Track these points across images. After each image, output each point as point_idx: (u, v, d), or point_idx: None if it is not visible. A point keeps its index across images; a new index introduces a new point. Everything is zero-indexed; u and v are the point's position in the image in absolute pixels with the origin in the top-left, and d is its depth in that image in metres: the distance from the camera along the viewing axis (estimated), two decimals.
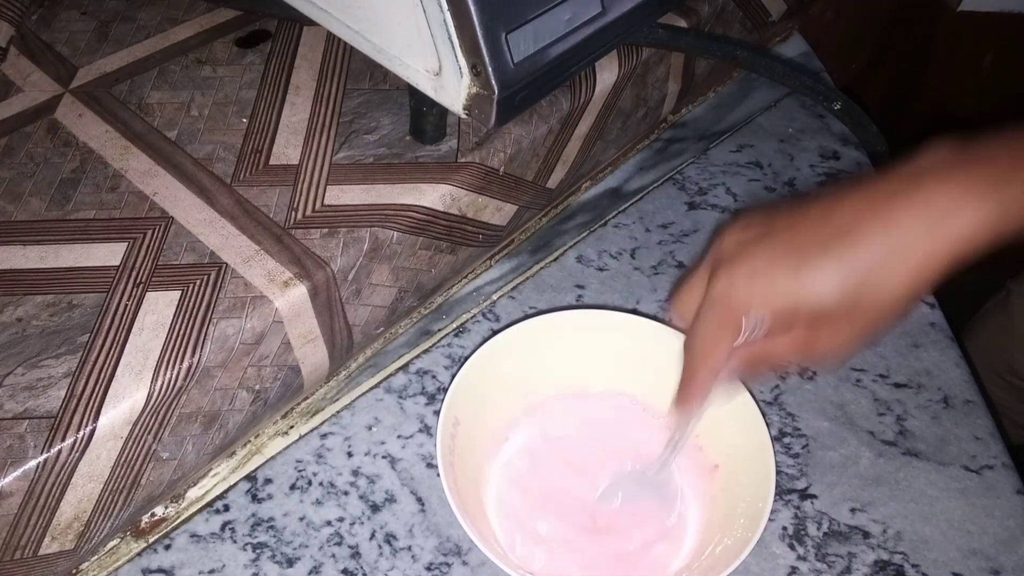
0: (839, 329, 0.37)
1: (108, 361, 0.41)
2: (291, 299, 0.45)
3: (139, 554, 0.47)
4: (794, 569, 0.48)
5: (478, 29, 0.40)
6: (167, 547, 0.47)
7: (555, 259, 0.62)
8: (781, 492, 0.51)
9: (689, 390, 0.42)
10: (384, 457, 0.52)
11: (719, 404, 0.44)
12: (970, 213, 0.34)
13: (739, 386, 0.48)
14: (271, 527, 0.48)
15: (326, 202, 0.48)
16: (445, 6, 0.40)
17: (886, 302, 0.36)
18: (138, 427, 0.41)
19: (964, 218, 0.34)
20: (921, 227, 0.34)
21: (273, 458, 0.51)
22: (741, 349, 0.40)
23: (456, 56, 0.42)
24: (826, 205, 0.38)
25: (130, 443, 0.41)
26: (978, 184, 0.34)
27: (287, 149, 0.51)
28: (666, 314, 0.42)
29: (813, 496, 0.51)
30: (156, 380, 0.41)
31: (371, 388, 0.54)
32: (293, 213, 0.48)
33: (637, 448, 0.51)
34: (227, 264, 0.45)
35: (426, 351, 0.57)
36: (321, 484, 0.50)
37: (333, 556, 0.47)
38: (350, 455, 0.52)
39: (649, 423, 0.52)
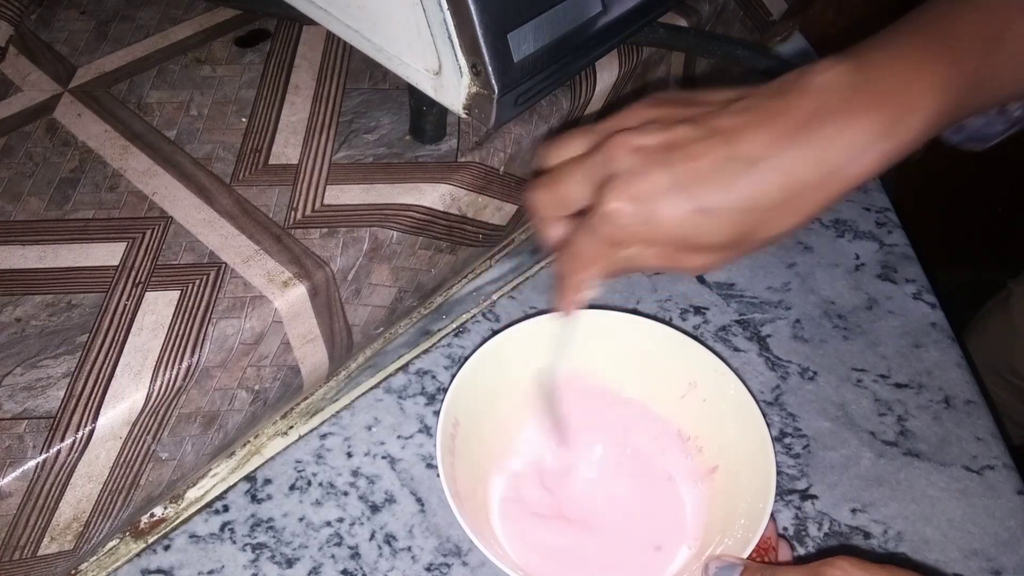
0: (712, 255, 0.37)
1: (107, 361, 0.41)
2: (290, 299, 0.44)
3: (138, 555, 0.47)
4: None
5: (478, 28, 0.40)
6: (166, 548, 0.47)
7: (555, 259, 0.62)
8: (782, 492, 0.51)
9: (566, 298, 0.41)
10: (384, 457, 0.51)
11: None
12: (866, 160, 0.34)
13: (735, 379, 0.48)
14: (271, 527, 0.48)
15: (326, 202, 0.48)
16: (445, 5, 0.40)
17: (770, 239, 0.36)
18: (137, 427, 0.41)
19: (859, 164, 0.34)
20: (819, 176, 0.34)
21: (272, 458, 0.51)
22: (612, 257, 0.38)
23: (456, 55, 0.42)
24: (732, 126, 0.35)
25: (129, 443, 0.41)
26: (875, 127, 0.34)
27: (287, 149, 0.51)
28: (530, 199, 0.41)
29: (814, 496, 0.51)
30: (155, 380, 0.41)
31: (371, 388, 0.54)
32: (293, 213, 0.48)
33: (636, 449, 0.51)
34: (226, 264, 0.45)
35: (426, 351, 0.56)
36: (321, 484, 0.50)
37: (333, 557, 0.47)
38: (350, 455, 0.51)
39: (649, 423, 0.52)
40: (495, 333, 0.50)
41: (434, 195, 0.49)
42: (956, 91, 0.35)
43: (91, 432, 0.39)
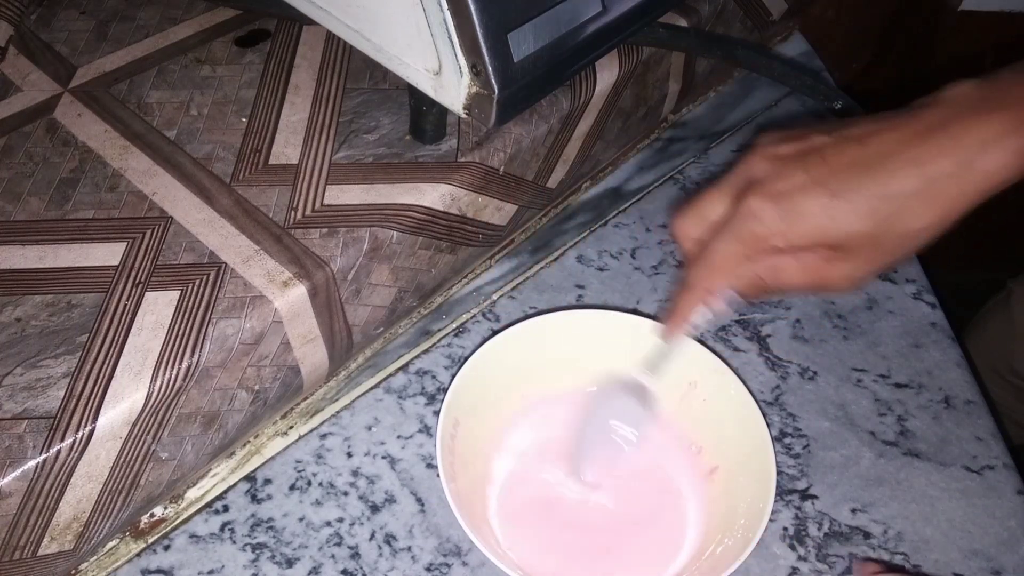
0: (858, 258, 0.37)
1: (107, 361, 0.41)
2: (290, 299, 0.44)
3: (138, 555, 0.47)
4: (795, 570, 0.48)
5: (478, 28, 0.40)
6: (166, 548, 0.47)
7: (555, 259, 0.62)
8: (782, 492, 0.51)
9: (686, 307, 0.41)
10: (384, 457, 0.51)
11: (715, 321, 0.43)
12: (997, 154, 0.35)
13: (735, 379, 0.48)
14: (270, 527, 0.48)
15: (326, 202, 0.48)
16: (445, 5, 0.40)
17: (911, 235, 0.36)
18: (137, 427, 0.41)
19: (991, 158, 0.35)
20: (952, 166, 0.35)
21: (272, 458, 0.51)
22: (753, 265, 0.39)
23: (456, 55, 0.42)
24: (861, 133, 0.37)
25: (129, 443, 0.41)
26: (1004, 125, 0.35)
27: (287, 149, 0.51)
28: (669, 232, 0.42)
29: (814, 496, 0.51)
30: (155, 380, 0.41)
31: (371, 388, 0.54)
32: (293, 213, 0.48)
33: (636, 448, 0.51)
34: (226, 264, 0.45)
35: (426, 351, 0.56)
36: (321, 484, 0.50)
37: (333, 557, 0.47)
38: (350, 455, 0.51)
39: (649, 423, 0.52)
40: (495, 333, 0.50)
41: (434, 195, 0.49)
42: None
43: (91, 432, 0.39)
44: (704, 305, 0.41)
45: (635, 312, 0.53)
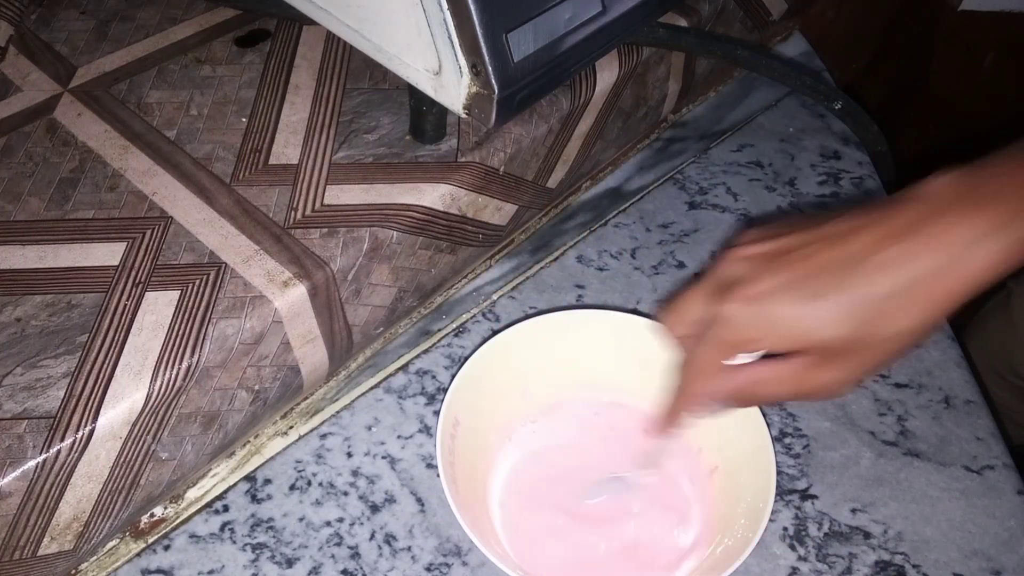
0: (842, 364, 0.36)
1: (107, 361, 0.41)
2: (290, 299, 0.44)
3: (138, 554, 0.47)
4: (795, 570, 0.48)
5: (478, 28, 0.40)
6: (166, 548, 0.47)
7: (555, 259, 0.62)
8: (782, 492, 0.51)
9: (674, 413, 0.42)
10: (384, 457, 0.51)
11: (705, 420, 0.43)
12: (983, 252, 0.34)
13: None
14: (270, 527, 0.48)
15: (326, 202, 0.48)
16: (445, 5, 0.40)
17: (897, 338, 0.35)
18: (137, 427, 0.41)
19: (977, 257, 0.34)
20: (936, 265, 0.34)
21: (272, 458, 0.51)
22: (732, 378, 0.39)
23: (456, 55, 0.42)
24: (841, 230, 0.36)
25: (129, 443, 0.41)
26: (990, 222, 0.34)
27: (286, 149, 0.51)
28: (656, 325, 0.42)
29: (814, 496, 0.51)
30: (155, 380, 0.41)
31: (371, 388, 0.54)
32: (293, 213, 0.48)
33: (637, 449, 0.51)
34: (226, 264, 0.45)
35: (426, 351, 0.56)
36: (321, 484, 0.50)
37: (333, 557, 0.47)
38: (350, 455, 0.51)
39: (649, 423, 0.52)
40: (495, 333, 0.50)
41: (434, 195, 0.49)
42: None
43: (91, 432, 0.39)
44: (694, 410, 0.41)
45: (635, 312, 0.53)
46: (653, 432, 0.45)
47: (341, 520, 0.49)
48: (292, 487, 0.50)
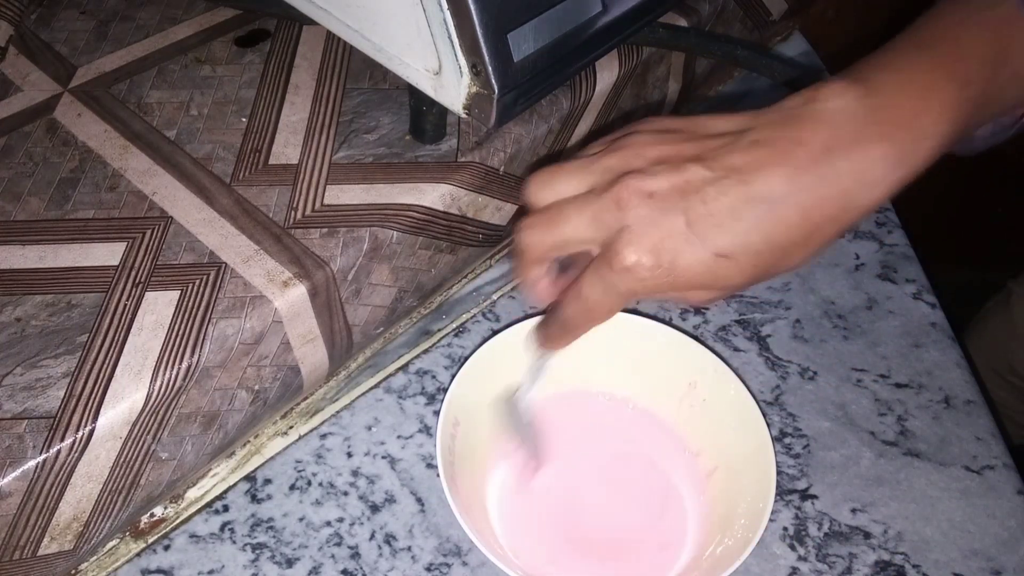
0: (724, 291, 0.36)
1: (107, 361, 0.41)
2: (290, 299, 0.44)
3: (138, 554, 0.47)
4: (795, 570, 0.48)
5: (478, 28, 0.40)
6: (166, 547, 0.47)
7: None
8: (782, 492, 0.51)
9: (558, 341, 0.41)
10: (384, 457, 0.51)
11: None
12: (882, 187, 0.34)
13: (735, 379, 0.48)
14: (271, 527, 0.48)
15: (326, 202, 0.48)
16: (445, 5, 0.40)
17: (785, 271, 0.35)
18: (137, 427, 0.41)
19: (876, 192, 0.34)
20: (835, 209, 0.34)
21: (272, 458, 0.51)
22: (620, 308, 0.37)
23: (456, 55, 0.42)
24: (744, 167, 0.34)
25: (129, 443, 0.41)
26: (887, 162, 0.33)
27: (286, 148, 0.51)
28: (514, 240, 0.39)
29: (814, 496, 0.51)
30: (155, 380, 0.41)
31: (371, 388, 0.54)
32: (293, 213, 0.48)
33: (637, 448, 0.51)
34: (226, 264, 0.45)
35: (426, 351, 0.56)
36: (321, 484, 0.50)
37: (333, 556, 0.47)
38: (350, 455, 0.51)
39: (649, 423, 0.52)
40: (495, 333, 0.50)
41: (434, 195, 0.49)
42: (965, 114, 0.35)
43: (91, 432, 0.39)
44: (574, 339, 0.40)
45: (635, 312, 0.53)
46: (540, 346, 0.43)
47: (341, 520, 0.49)
48: (292, 487, 0.50)
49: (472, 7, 0.39)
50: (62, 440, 0.38)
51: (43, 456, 0.38)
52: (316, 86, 0.55)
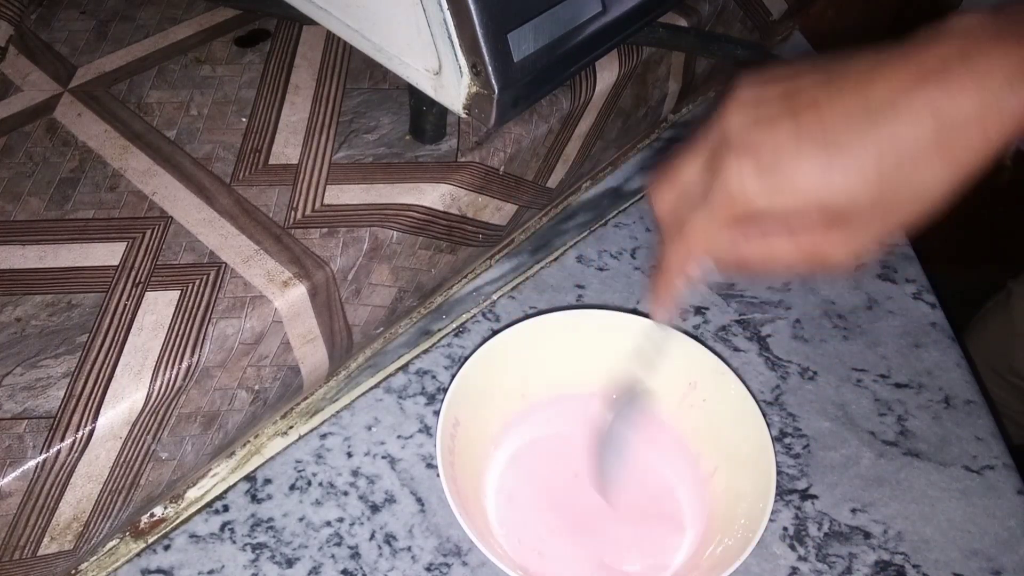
0: (860, 227, 0.31)
1: (107, 361, 0.41)
2: (290, 299, 0.44)
3: (138, 554, 0.47)
4: (795, 570, 0.48)
5: (478, 28, 0.40)
6: (166, 547, 0.47)
7: (555, 259, 0.62)
8: (782, 492, 0.51)
9: (662, 298, 0.37)
10: (384, 457, 0.51)
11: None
12: (1020, 93, 0.29)
13: (735, 379, 0.48)
14: (271, 527, 0.48)
15: (326, 202, 0.48)
16: (445, 5, 0.40)
17: (924, 197, 0.30)
18: (137, 427, 0.41)
19: (1016, 98, 0.29)
20: (975, 107, 0.29)
21: (272, 458, 0.51)
22: (731, 242, 0.33)
23: (456, 55, 0.42)
24: (860, 73, 0.30)
25: (129, 443, 0.41)
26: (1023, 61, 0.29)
27: (286, 148, 0.51)
28: (645, 199, 0.36)
29: (814, 496, 0.51)
30: (155, 380, 0.41)
31: (371, 388, 0.54)
32: (292, 213, 0.48)
33: (636, 448, 0.51)
34: (226, 264, 0.45)
35: (426, 351, 0.56)
36: (321, 484, 0.50)
37: (333, 556, 0.47)
38: (350, 455, 0.51)
39: (649, 423, 0.52)
40: (495, 333, 0.50)
41: (434, 195, 0.49)
42: None
43: (91, 432, 0.39)
44: (682, 286, 0.36)
45: (635, 312, 0.53)
46: (654, 315, 0.40)
47: (341, 520, 0.49)
48: (292, 487, 0.50)
49: (472, 7, 0.39)
50: (62, 440, 0.38)
51: (43, 456, 0.38)
52: (316, 86, 0.55)
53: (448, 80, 0.43)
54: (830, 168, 0.30)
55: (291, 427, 0.52)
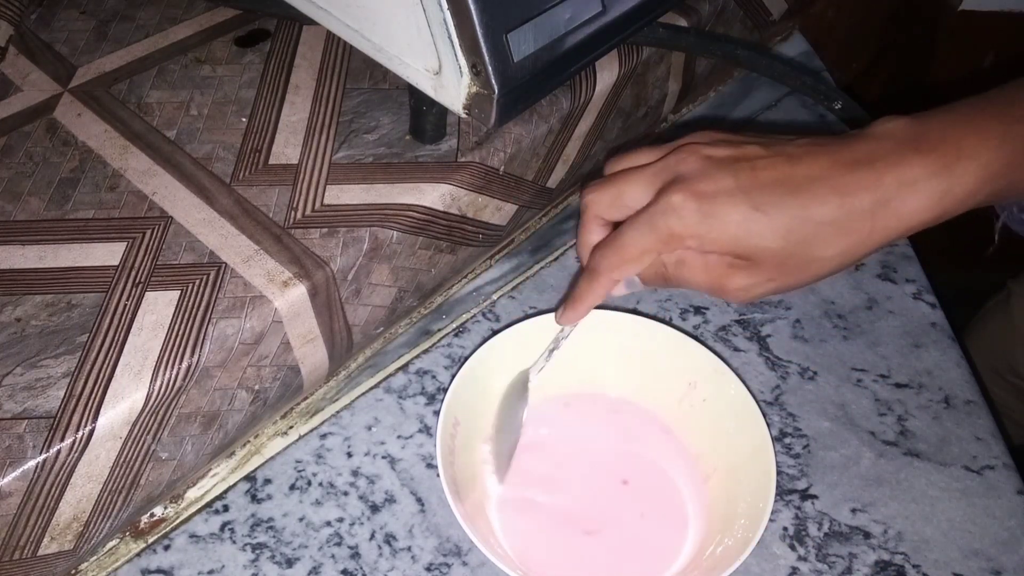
0: (759, 274, 0.38)
1: (107, 361, 0.41)
2: (290, 299, 0.44)
3: (138, 554, 0.47)
4: (795, 570, 0.48)
5: (478, 28, 0.40)
6: (166, 547, 0.47)
7: (555, 259, 0.62)
8: (782, 492, 0.51)
9: (584, 298, 0.42)
10: (384, 457, 0.51)
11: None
12: (914, 197, 0.36)
13: (735, 379, 0.48)
14: (270, 527, 0.48)
15: (326, 202, 0.48)
16: (445, 5, 0.40)
17: (820, 263, 0.37)
18: (137, 427, 0.41)
19: (908, 201, 0.36)
20: (869, 202, 0.36)
21: (272, 458, 0.51)
22: (658, 263, 0.40)
23: (456, 55, 0.42)
24: (794, 152, 0.38)
25: (129, 443, 0.41)
26: (926, 168, 0.36)
27: (286, 148, 0.51)
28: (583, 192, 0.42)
29: (814, 496, 0.51)
30: (155, 380, 0.41)
31: (371, 388, 0.54)
32: (292, 213, 0.48)
33: (637, 448, 0.51)
34: (226, 264, 0.45)
35: (426, 351, 0.56)
36: (321, 484, 0.50)
37: (333, 556, 0.47)
38: (350, 455, 0.51)
39: (649, 423, 0.52)
40: (495, 333, 0.50)
41: (434, 195, 0.49)
42: (1009, 151, 0.36)
43: (91, 432, 0.39)
44: (607, 292, 0.42)
45: (635, 312, 0.53)
46: (561, 316, 0.45)
47: (341, 520, 0.49)
48: (292, 487, 0.50)
49: (472, 7, 0.39)
50: (62, 440, 0.38)
51: (43, 456, 0.38)
52: (316, 86, 0.55)
53: (448, 80, 0.43)
54: (751, 222, 0.36)
55: (291, 427, 0.52)
